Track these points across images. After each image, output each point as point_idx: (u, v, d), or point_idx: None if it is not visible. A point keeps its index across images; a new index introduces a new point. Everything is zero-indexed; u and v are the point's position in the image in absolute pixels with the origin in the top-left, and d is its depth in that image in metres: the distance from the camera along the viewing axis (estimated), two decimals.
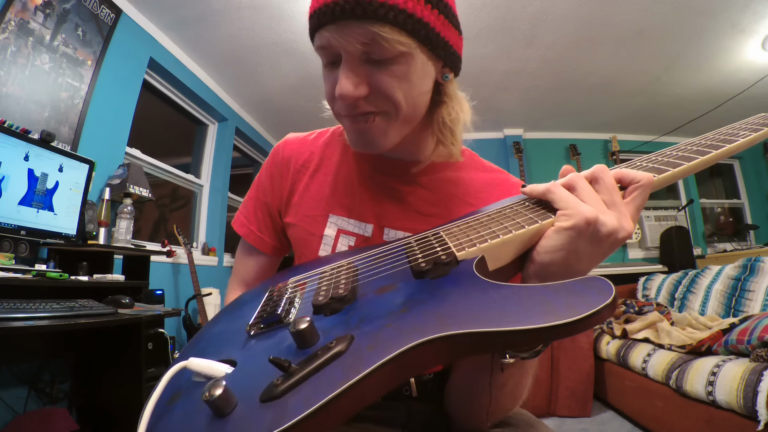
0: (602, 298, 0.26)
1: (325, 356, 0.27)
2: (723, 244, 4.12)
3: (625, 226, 0.35)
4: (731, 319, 1.66)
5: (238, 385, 0.28)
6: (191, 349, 0.40)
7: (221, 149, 3.25)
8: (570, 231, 0.34)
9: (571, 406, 2.10)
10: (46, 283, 1.27)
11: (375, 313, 0.32)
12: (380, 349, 0.26)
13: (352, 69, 0.45)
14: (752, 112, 0.44)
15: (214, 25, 2.38)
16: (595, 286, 0.27)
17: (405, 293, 0.34)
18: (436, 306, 0.30)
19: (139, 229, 2.51)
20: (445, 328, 0.27)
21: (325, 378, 0.26)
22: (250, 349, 0.34)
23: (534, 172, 4.01)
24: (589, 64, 2.89)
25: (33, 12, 1.67)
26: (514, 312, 0.27)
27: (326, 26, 0.43)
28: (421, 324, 0.28)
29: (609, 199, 0.36)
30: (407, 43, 0.43)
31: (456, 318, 0.28)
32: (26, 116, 1.64)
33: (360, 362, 0.26)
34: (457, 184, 0.59)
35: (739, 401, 1.25)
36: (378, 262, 0.43)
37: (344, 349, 0.28)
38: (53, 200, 1.50)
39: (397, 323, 0.29)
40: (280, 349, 0.32)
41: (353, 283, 0.38)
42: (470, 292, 0.31)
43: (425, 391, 0.54)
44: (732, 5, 2.29)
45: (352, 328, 0.31)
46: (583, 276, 0.29)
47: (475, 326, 0.26)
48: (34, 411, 1.48)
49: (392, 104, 0.47)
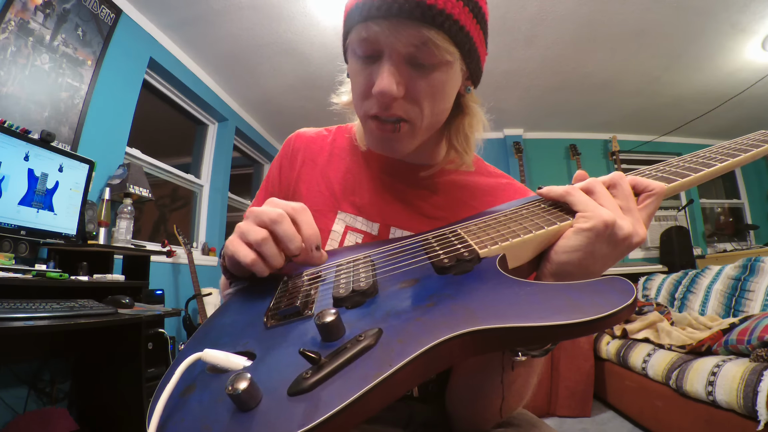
0: (625, 298, 0.27)
1: (356, 349, 0.27)
2: (723, 244, 4.12)
3: (639, 231, 0.36)
4: (731, 319, 1.66)
5: (261, 378, 0.27)
6: (202, 340, 0.38)
7: (221, 149, 3.26)
8: (589, 232, 0.35)
9: (571, 406, 2.10)
10: (46, 283, 1.28)
11: (401, 307, 0.32)
12: (412, 343, 0.26)
13: (397, 68, 0.44)
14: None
15: (214, 25, 2.38)
16: (617, 286, 0.28)
17: (429, 288, 0.33)
18: (465, 301, 0.30)
19: (139, 229, 2.51)
20: (476, 323, 0.27)
21: (357, 371, 0.25)
22: (269, 341, 0.33)
23: (534, 172, 4.01)
24: (589, 64, 2.89)
25: (33, 12, 1.67)
26: (542, 308, 0.27)
27: (377, 20, 0.42)
28: (451, 318, 0.28)
29: (625, 205, 0.37)
30: (454, 54, 0.44)
31: (486, 313, 0.28)
32: (26, 116, 1.64)
33: (391, 356, 0.25)
34: (464, 188, 0.60)
35: (739, 401, 1.25)
36: (395, 257, 0.42)
37: (374, 342, 0.27)
38: (53, 200, 1.50)
39: (426, 317, 0.29)
40: (304, 341, 0.31)
41: (374, 277, 0.38)
42: (497, 288, 0.31)
43: (426, 391, 0.54)
44: (732, 5, 2.29)
45: (378, 321, 0.30)
46: (599, 276, 0.30)
47: (504, 321, 0.27)
48: (34, 411, 1.48)
49: (420, 113, 0.47)
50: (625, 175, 0.40)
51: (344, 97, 0.59)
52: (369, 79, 0.46)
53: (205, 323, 0.41)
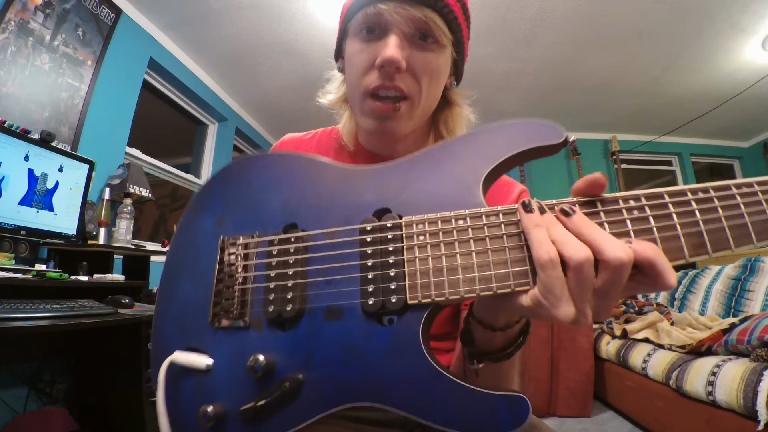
0: (514, 425, 0.31)
1: (283, 394, 0.36)
2: None
3: (582, 321, 0.29)
4: (731, 319, 1.66)
5: (220, 394, 0.39)
6: (161, 330, 0.45)
7: (221, 149, 3.25)
8: (540, 307, 0.30)
9: (571, 406, 2.10)
10: (46, 283, 1.27)
11: (320, 354, 0.37)
12: (322, 404, 0.35)
13: (401, 42, 0.49)
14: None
15: (214, 25, 2.38)
16: (513, 409, 0.31)
17: (350, 335, 0.36)
18: (374, 375, 0.35)
19: (139, 229, 2.51)
20: (378, 401, 0.34)
21: (286, 414, 0.36)
22: (219, 347, 0.40)
23: (534, 172, 4.01)
24: (589, 64, 2.89)
25: (33, 12, 1.67)
26: (437, 413, 0.32)
27: (385, 1, 0.48)
28: (357, 390, 0.35)
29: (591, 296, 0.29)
30: (448, 38, 0.51)
31: (389, 396, 0.34)
32: (26, 116, 1.64)
33: (306, 412, 0.36)
34: None
35: (739, 401, 1.25)
36: (330, 262, 0.39)
37: (296, 392, 0.36)
38: (53, 200, 1.50)
39: (340, 380, 0.35)
40: (246, 361, 0.39)
41: (301, 291, 0.39)
42: (407, 371, 0.34)
43: None
44: (732, 5, 2.29)
45: (301, 366, 0.37)
46: (512, 392, 0.32)
47: (404, 410, 0.33)
48: (34, 411, 1.48)
49: (418, 90, 0.51)
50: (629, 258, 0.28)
51: (330, 96, 0.61)
52: (372, 53, 0.50)
53: (158, 306, 0.46)
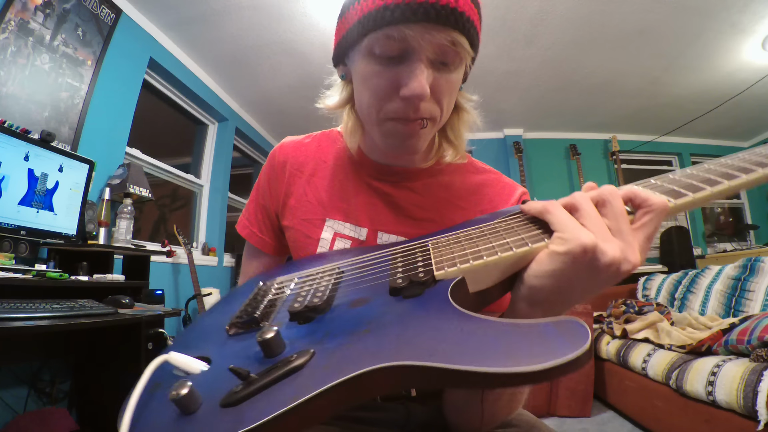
0: (570, 349, 0.23)
1: (283, 370, 0.28)
2: (723, 244, 4.12)
3: (630, 257, 0.31)
4: (731, 319, 1.66)
5: (206, 386, 0.30)
6: (181, 339, 0.43)
7: (221, 149, 3.25)
8: (564, 257, 0.31)
9: (571, 406, 2.09)
10: (46, 283, 1.27)
11: (340, 329, 0.32)
12: (334, 371, 0.27)
13: (425, 70, 0.45)
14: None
15: (214, 25, 2.38)
16: (568, 334, 0.25)
17: (374, 311, 0.33)
18: (398, 331, 0.30)
19: (139, 229, 2.51)
20: (399, 357, 0.26)
21: (279, 393, 0.27)
22: (224, 349, 0.36)
23: (534, 172, 4.01)
24: (589, 64, 2.89)
25: (33, 12, 1.67)
26: (473, 350, 0.25)
27: (409, 24, 0.42)
28: (379, 349, 0.28)
29: (615, 226, 0.32)
30: (470, 54, 0.47)
31: (412, 348, 0.27)
32: (26, 116, 1.64)
33: (312, 382, 0.26)
34: (449, 188, 0.60)
35: (739, 401, 1.25)
36: (363, 270, 0.42)
37: (302, 364, 0.29)
38: (53, 200, 1.50)
39: (356, 345, 0.29)
40: (248, 354, 0.33)
41: (332, 292, 0.39)
42: (435, 321, 0.29)
43: (425, 392, 0.54)
44: (732, 5, 2.29)
45: (316, 342, 0.31)
46: (562, 316, 0.27)
47: (428, 360, 0.25)
48: (34, 411, 1.48)
49: (440, 111, 0.48)
50: (618, 190, 0.34)
51: (330, 101, 0.57)
52: (394, 80, 0.45)
53: (193, 322, 0.45)
